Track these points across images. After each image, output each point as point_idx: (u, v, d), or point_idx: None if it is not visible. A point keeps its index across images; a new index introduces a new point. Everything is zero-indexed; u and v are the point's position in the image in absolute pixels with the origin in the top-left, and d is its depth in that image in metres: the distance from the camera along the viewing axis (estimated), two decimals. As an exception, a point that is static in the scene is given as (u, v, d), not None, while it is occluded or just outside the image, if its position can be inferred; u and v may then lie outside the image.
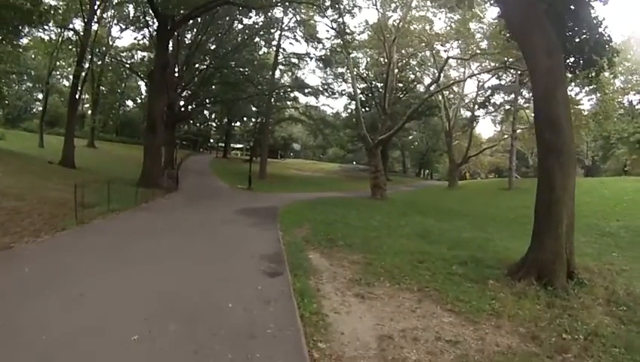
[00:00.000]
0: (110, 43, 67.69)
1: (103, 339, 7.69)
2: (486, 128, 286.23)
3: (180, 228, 20.16)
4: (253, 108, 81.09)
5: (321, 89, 70.36)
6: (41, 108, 73.84)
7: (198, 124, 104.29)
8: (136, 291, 10.40)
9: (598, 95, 54.63)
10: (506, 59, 47.05)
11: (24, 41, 53.54)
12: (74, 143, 45.16)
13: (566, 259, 12.88)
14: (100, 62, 67.32)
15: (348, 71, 64.02)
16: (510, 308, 10.62)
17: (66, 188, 25.27)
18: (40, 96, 75.49)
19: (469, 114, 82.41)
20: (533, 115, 55.28)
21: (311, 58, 66.70)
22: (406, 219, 28.38)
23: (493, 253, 17.41)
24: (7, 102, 67.11)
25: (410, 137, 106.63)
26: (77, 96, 49.70)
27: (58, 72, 68.44)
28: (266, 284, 11.66)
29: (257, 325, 8.77)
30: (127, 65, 69.14)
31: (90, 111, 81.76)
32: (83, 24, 49.39)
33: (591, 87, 46.29)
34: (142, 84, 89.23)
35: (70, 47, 56.53)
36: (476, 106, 77.17)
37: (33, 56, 70.22)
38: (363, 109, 66.37)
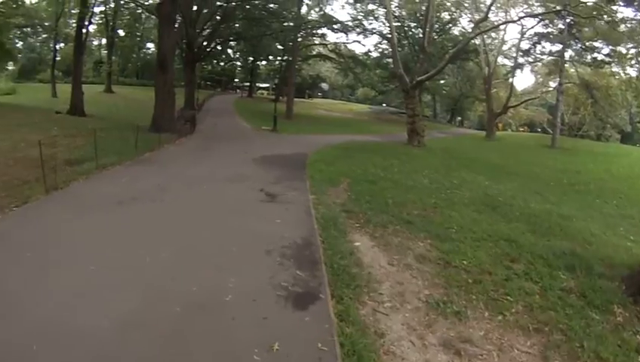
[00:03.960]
0: None
1: None
2: (519, 79, 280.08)
3: (171, 191, 15.85)
4: (279, 47, 77.54)
5: (351, 25, 66.41)
6: (57, 59, 73.19)
7: (222, 64, 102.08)
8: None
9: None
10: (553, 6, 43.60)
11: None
12: (82, 90, 42.92)
13: None
14: (113, 4, 68.34)
15: (379, 7, 61.97)
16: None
17: (62, 140, 21.87)
18: (57, 46, 73.85)
19: (506, 61, 78.92)
20: (580, 69, 52.54)
21: None
22: (456, 175, 24.41)
23: (583, 241, 13.53)
24: (19, 54, 75.24)
25: (443, 81, 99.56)
26: (83, 40, 47.14)
27: (73, 20, 63.96)
28: (288, 337, 6.69)
29: None
30: (144, 6, 65.42)
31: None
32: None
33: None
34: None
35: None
36: (519, 53, 73.01)
37: (46, 6, 68.18)
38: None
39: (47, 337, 6.40)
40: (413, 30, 70.87)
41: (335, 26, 65.61)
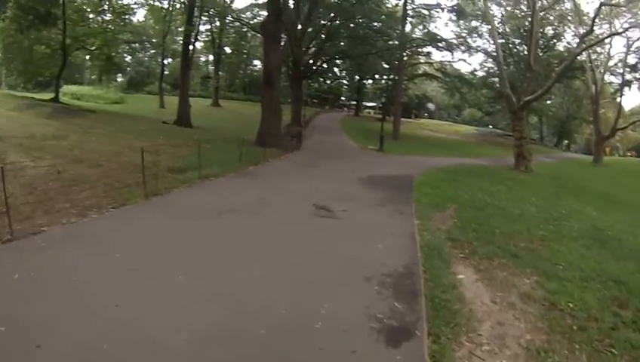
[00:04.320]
0: (224, 2, 67.15)
1: None
2: (627, 98, 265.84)
3: (272, 207, 15.80)
4: (385, 65, 77.09)
5: (456, 42, 66.08)
6: (166, 72, 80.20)
7: (328, 82, 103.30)
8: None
9: None
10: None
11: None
12: (189, 102, 45.81)
13: None
14: (218, 23, 74.30)
15: (482, 24, 62.65)
16: None
17: (167, 149, 23.87)
18: (165, 61, 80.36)
19: (613, 79, 75.97)
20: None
21: (442, 9, 62.91)
22: (563, 204, 23.37)
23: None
24: (128, 68, 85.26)
25: (549, 102, 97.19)
26: (189, 56, 52.78)
27: (180, 37, 68.29)
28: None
29: None
30: (249, 25, 68.91)
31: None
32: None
33: None
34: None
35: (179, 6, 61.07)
36: (626, 69, 70.08)
37: (153, 24, 76.01)
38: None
39: (121, 340, 6.50)
40: (517, 47, 69.14)
41: (440, 44, 64.92)
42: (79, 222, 12.18)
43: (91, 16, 47.69)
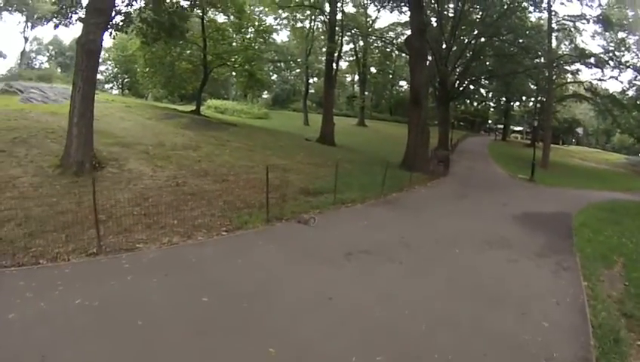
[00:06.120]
0: (366, 22, 71.03)
1: None
2: None
3: (415, 250, 13.58)
4: (532, 86, 74.47)
5: (605, 58, 59.49)
6: (311, 91, 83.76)
7: (475, 104, 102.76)
8: None
9: None
10: None
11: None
12: (333, 121, 46.70)
13: None
14: (362, 43, 76.22)
15: (630, 34, 56.57)
16: None
17: (305, 168, 23.65)
18: (310, 80, 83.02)
19: None
20: None
21: (587, 20, 57.94)
22: None
23: None
24: (274, 85, 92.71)
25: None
26: (332, 74, 51.71)
27: (323, 57, 67.02)
28: None
29: None
30: (394, 44, 69.95)
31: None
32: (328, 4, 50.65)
33: None
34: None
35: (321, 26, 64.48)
36: None
37: (297, 44, 79.62)
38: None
39: None
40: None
41: (589, 60, 59.94)
42: (180, 244, 11.57)
43: (234, 35, 49.37)
